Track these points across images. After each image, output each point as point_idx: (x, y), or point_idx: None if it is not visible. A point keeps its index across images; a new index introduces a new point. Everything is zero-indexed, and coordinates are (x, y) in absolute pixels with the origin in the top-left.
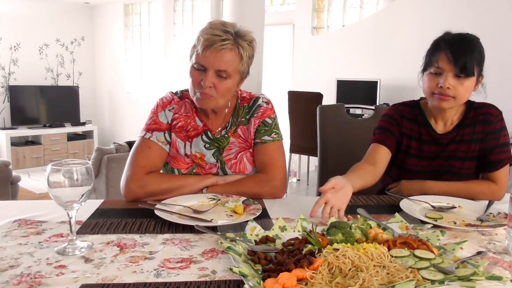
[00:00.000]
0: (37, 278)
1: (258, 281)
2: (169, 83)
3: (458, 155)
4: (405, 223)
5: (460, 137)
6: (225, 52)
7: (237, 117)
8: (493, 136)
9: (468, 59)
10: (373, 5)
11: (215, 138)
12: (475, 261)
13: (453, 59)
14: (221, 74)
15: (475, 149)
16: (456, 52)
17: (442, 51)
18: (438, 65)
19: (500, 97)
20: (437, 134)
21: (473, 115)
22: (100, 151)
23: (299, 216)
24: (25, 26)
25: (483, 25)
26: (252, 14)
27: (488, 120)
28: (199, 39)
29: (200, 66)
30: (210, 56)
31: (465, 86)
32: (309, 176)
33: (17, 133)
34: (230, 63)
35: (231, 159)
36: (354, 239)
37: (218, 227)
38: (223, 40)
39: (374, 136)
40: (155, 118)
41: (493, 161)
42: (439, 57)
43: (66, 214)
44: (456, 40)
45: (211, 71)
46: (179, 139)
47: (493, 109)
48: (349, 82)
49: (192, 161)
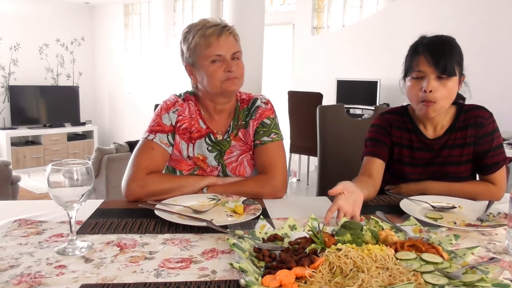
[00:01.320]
0: (37, 278)
1: (256, 277)
2: (169, 83)
3: (453, 160)
4: (419, 226)
5: (452, 142)
6: (232, 36)
7: (238, 120)
8: (486, 139)
9: (448, 59)
10: (373, 5)
11: (217, 141)
12: (485, 267)
13: (433, 61)
14: (235, 56)
15: (469, 152)
16: (435, 53)
17: (421, 54)
18: (419, 69)
19: (493, 97)
20: (428, 140)
21: (464, 118)
22: (100, 151)
23: (310, 216)
24: (25, 26)
25: (482, 25)
26: (252, 14)
27: (479, 123)
28: (200, 37)
29: (217, 56)
30: (224, 43)
31: (448, 87)
32: (309, 176)
33: (17, 133)
34: (238, 45)
35: (232, 162)
36: (362, 240)
37: (228, 225)
38: (224, 27)
39: (366, 149)
40: (159, 120)
41: (488, 164)
42: (419, 61)
43: (66, 214)
44: (434, 42)
45: (228, 56)
46: (182, 140)
47: (483, 112)
48: (349, 82)
49: (194, 163)
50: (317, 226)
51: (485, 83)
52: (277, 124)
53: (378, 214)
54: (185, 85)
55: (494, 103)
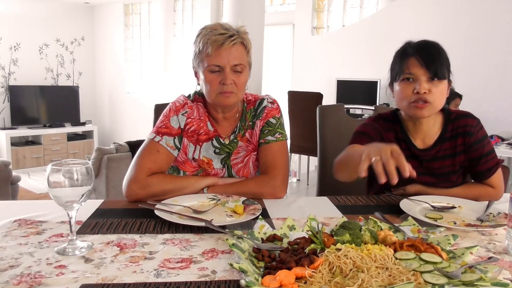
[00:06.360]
0: (37, 278)
1: (257, 278)
2: (169, 83)
3: (446, 171)
4: (417, 226)
5: (442, 153)
6: (236, 47)
7: (245, 121)
8: (477, 147)
9: (438, 62)
10: (373, 5)
11: (224, 144)
12: (484, 267)
13: (424, 63)
14: (236, 69)
15: (460, 160)
16: (426, 55)
17: (411, 56)
18: (410, 71)
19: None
20: (418, 151)
21: (452, 128)
22: (100, 151)
23: (309, 216)
24: (25, 26)
25: (482, 25)
26: (252, 14)
27: (468, 132)
28: (204, 44)
29: (216, 67)
30: (224, 54)
31: (439, 89)
32: (309, 176)
33: (17, 133)
34: (242, 57)
35: (238, 163)
36: (361, 241)
37: (227, 225)
38: (231, 37)
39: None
40: (167, 122)
41: (482, 170)
42: (409, 63)
43: (66, 214)
44: (423, 46)
45: (227, 68)
46: (190, 143)
47: (471, 120)
48: (349, 82)
49: (198, 165)
50: (316, 226)
51: (485, 83)
52: (282, 124)
53: (377, 215)
54: (185, 85)
55: (494, 103)
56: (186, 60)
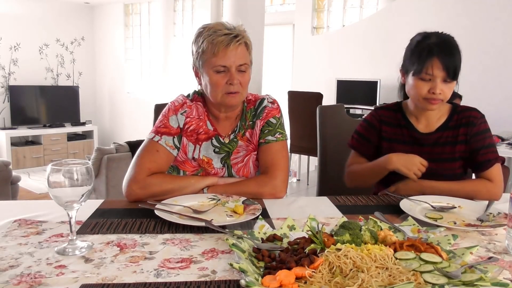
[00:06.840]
0: (37, 278)
1: (257, 278)
2: (169, 83)
3: (445, 157)
4: (417, 226)
5: (444, 139)
6: (241, 47)
7: (245, 120)
8: (478, 138)
9: (457, 64)
10: (373, 5)
11: (224, 143)
12: (484, 267)
13: (445, 67)
14: (241, 69)
15: (461, 149)
16: (448, 58)
17: (435, 57)
18: (431, 72)
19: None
20: (419, 134)
21: (457, 118)
22: (100, 151)
23: (309, 216)
24: (25, 26)
25: (483, 24)
26: (252, 14)
27: (470, 122)
28: (209, 44)
29: (222, 67)
30: (230, 54)
31: (450, 87)
32: (309, 176)
33: (17, 133)
34: (246, 56)
35: (238, 162)
36: (361, 241)
37: (227, 225)
38: (235, 37)
39: (351, 140)
40: (166, 121)
41: (481, 161)
42: (433, 64)
43: (66, 214)
44: (446, 45)
45: (233, 69)
46: (190, 142)
47: (475, 112)
48: (349, 82)
49: (198, 165)
50: (316, 226)
51: (485, 83)
52: (282, 123)
53: (377, 215)
54: (185, 85)
55: (494, 103)
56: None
